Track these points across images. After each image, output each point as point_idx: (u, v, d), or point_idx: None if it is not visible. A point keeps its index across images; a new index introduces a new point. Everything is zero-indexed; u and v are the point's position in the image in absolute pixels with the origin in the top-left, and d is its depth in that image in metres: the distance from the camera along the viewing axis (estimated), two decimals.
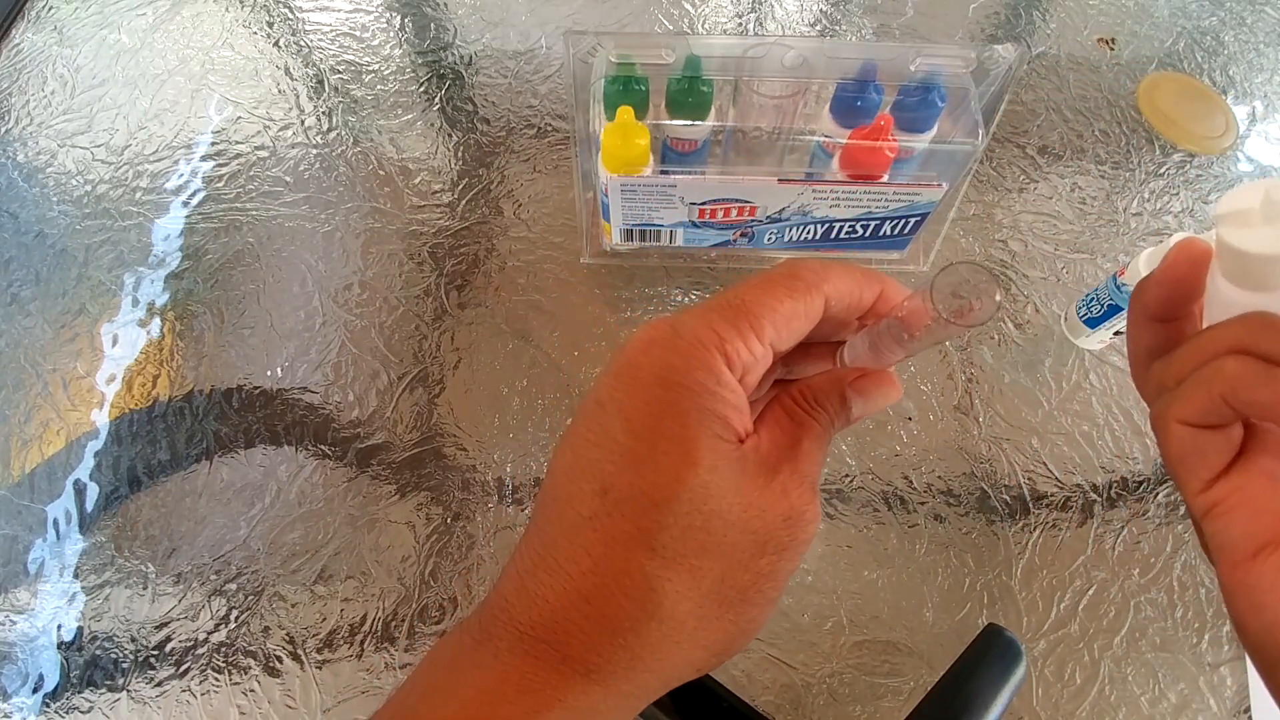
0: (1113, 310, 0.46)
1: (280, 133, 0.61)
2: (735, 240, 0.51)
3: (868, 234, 0.49)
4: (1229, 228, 0.23)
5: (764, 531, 0.20)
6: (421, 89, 0.63)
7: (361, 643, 0.44)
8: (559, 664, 0.20)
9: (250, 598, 0.45)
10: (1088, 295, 0.49)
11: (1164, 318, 0.25)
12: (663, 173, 0.45)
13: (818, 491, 0.22)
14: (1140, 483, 0.48)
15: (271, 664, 0.44)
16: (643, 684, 0.20)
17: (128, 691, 0.43)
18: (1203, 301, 0.25)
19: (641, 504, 0.19)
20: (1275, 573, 0.21)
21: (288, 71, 0.64)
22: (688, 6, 0.67)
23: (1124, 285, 0.45)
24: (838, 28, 0.67)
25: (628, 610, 0.19)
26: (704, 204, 0.46)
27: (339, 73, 0.63)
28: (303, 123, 0.61)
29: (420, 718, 0.20)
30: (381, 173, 0.58)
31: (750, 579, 0.20)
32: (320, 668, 0.44)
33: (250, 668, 0.44)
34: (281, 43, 0.65)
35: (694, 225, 0.48)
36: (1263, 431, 0.24)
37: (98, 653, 0.44)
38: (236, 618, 0.45)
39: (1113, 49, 0.66)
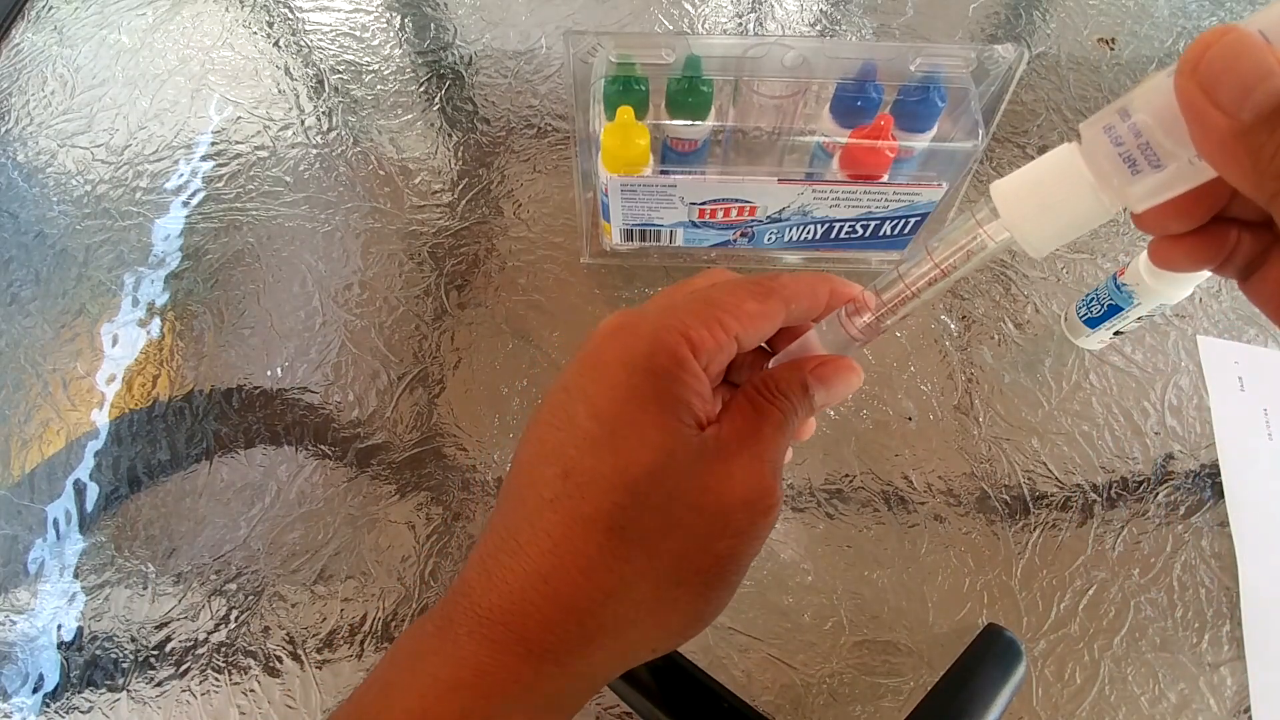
0: (1113, 310, 0.46)
1: (280, 133, 0.61)
2: (735, 240, 0.51)
3: (868, 234, 0.49)
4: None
5: (722, 515, 0.20)
6: (421, 89, 0.63)
7: (362, 643, 0.44)
8: (515, 645, 0.20)
9: (250, 598, 0.45)
10: (1088, 295, 0.49)
11: None
12: (663, 173, 0.45)
13: (779, 476, 0.22)
14: (1140, 483, 0.48)
15: (271, 664, 0.44)
16: (598, 663, 0.21)
17: (128, 691, 0.43)
18: None
19: (602, 486, 0.20)
20: None
21: (288, 71, 0.64)
22: (688, 6, 0.67)
23: (1124, 285, 0.45)
24: (838, 28, 0.67)
25: (585, 590, 0.20)
26: (704, 204, 0.46)
27: (339, 73, 0.63)
28: (303, 123, 0.61)
29: (380, 714, 0.20)
30: (381, 173, 0.58)
31: (709, 561, 0.20)
32: (320, 668, 0.44)
33: (250, 668, 0.44)
34: (281, 43, 0.65)
35: (694, 225, 0.48)
36: None
37: (98, 653, 0.44)
38: (236, 618, 0.45)
39: (1113, 49, 0.66)
